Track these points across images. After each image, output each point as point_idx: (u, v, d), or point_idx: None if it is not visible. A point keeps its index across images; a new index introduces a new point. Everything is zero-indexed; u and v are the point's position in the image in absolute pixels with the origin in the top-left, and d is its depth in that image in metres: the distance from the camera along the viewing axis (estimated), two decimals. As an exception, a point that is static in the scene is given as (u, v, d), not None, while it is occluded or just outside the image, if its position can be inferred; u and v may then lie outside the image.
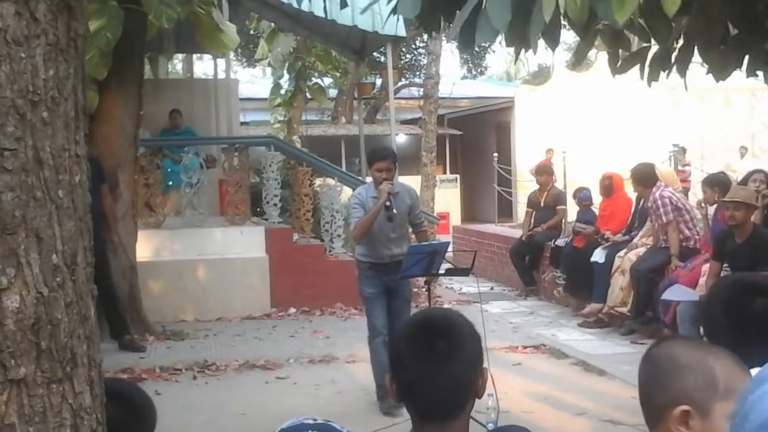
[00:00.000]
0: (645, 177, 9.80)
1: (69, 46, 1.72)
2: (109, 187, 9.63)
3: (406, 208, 7.32)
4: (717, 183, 8.72)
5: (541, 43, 4.13)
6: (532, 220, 13.09)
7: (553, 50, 4.26)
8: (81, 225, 1.74)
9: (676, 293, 8.08)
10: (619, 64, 4.88)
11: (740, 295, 2.46)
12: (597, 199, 11.74)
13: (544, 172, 13.35)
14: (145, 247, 10.92)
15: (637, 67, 4.87)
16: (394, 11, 4.73)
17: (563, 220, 12.91)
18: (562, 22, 4.06)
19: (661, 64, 4.80)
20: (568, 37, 29.49)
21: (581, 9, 3.64)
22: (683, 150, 20.62)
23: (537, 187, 13.35)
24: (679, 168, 20.68)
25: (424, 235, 7.82)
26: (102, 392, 1.79)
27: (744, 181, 8.49)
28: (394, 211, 7.05)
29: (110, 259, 9.40)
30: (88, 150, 1.80)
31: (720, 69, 4.71)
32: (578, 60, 4.72)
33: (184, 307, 11.14)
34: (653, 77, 4.83)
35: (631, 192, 10.85)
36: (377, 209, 7.03)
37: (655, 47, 4.83)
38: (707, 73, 4.89)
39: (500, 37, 4.13)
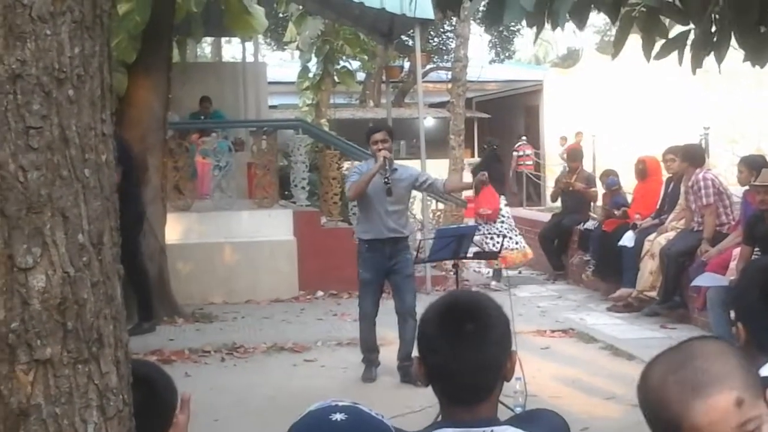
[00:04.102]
0: (694, 156, 9.66)
1: (95, 23, 1.70)
2: (138, 170, 9.67)
3: (408, 184, 7.63)
4: (755, 165, 8.45)
5: (569, 24, 4.08)
6: (561, 205, 13.08)
7: (581, 29, 4.19)
8: (107, 204, 1.73)
9: (706, 280, 8.01)
10: (656, 50, 4.78)
11: None
12: (632, 182, 11.65)
13: (576, 158, 13.29)
14: (174, 230, 10.95)
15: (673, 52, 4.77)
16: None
17: (593, 203, 12.85)
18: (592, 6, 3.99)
19: (702, 48, 4.69)
20: (598, 20, 29.24)
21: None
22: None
23: (566, 170, 13.30)
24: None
25: (449, 183, 8.47)
26: (128, 373, 1.78)
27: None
28: (388, 174, 7.28)
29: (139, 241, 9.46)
30: (116, 133, 1.79)
31: (757, 54, 4.60)
32: (617, 50, 4.62)
33: (213, 289, 11.18)
34: (697, 64, 4.72)
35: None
36: (373, 172, 7.31)
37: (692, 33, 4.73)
38: (744, 60, 4.79)
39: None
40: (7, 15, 1.57)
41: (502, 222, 12.09)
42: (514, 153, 23.32)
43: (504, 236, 11.48)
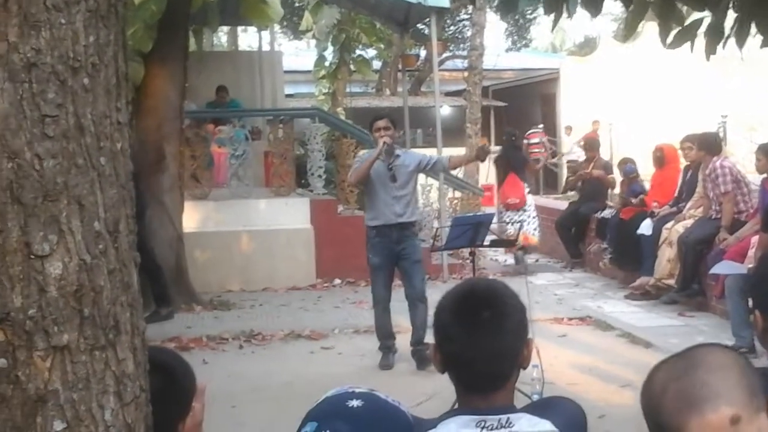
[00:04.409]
0: (710, 144, 9.62)
1: (109, 12, 1.70)
2: (155, 159, 9.71)
3: (413, 169, 7.72)
4: None
5: (586, 12, 4.06)
6: (578, 193, 13.09)
7: (594, 17, 4.18)
8: (123, 192, 1.73)
9: (724, 267, 7.98)
10: (671, 38, 4.75)
11: None
12: (649, 170, 11.60)
13: (593, 147, 13.27)
14: (192, 219, 11.00)
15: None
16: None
17: (610, 190, 12.83)
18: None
19: (716, 35, 4.67)
20: (615, 7, 29.10)
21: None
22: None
23: (582, 159, 13.29)
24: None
25: (453, 158, 8.51)
26: (145, 360, 1.79)
27: None
28: (391, 161, 7.48)
29: (157, 229, 9.51)
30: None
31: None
32: (628, 33, 4.62)
33: (230, 277, 11.23)
34: (711, 50, 4.70)
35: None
36: (373, 157, 7.50)
37: (707, 20, 4.70)
38: (762, 46, 4.76)
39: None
40: (22, 4, 1.57)
41: (525, 210, 12.46)
42: (524, 141, 23.30)
43: (522, 222, 11.73)
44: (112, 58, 1.71)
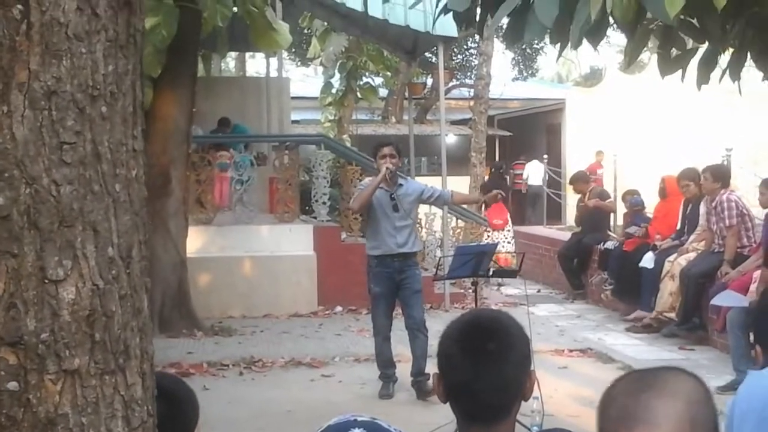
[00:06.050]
0: (723, 176, 9.58)
1: (128, 42, 1.74)
2: (162, 183, 9.74)
3: (414, 199, 7.78)
4: None
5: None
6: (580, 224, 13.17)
7: (595, 48, 4.20)
8: (136, 219, 1.76)
9: (726, 299, 7.97)
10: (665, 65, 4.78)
11: None
12: (654, 201, 11.61)
13: (576, 179, 13.32)
14: (195, 243, 11.00)
15: (691, 68, 4.77)
16: (444, 11, 4.68)
17: (612, 215, 12.89)
18: (610, 21, 3.98)
19: (709, 66, 4.69)
20: (621, 39, 29.12)
21: (627, 7, 3.57)
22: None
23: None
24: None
25: (457, 194, 8.67)
26: (153, 385, 1.82)
27: None
28: (394, 190, 7.51)
29: (160, 254, 9.52)
30: None
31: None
32: (629, 62, 4.64)
33: (232, 303, 11.22)
34: (703, 80, 4.73)
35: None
36: (376, 182, 7.51)
37: (703, 49, 4.73)
38: (763, 79, 4.79)
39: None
40: (44, 33, 1.61)
41: (509, 230, 14.14)
42: (511, 171, 23.45)
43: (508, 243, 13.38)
44: (129, 87, 1.74)
